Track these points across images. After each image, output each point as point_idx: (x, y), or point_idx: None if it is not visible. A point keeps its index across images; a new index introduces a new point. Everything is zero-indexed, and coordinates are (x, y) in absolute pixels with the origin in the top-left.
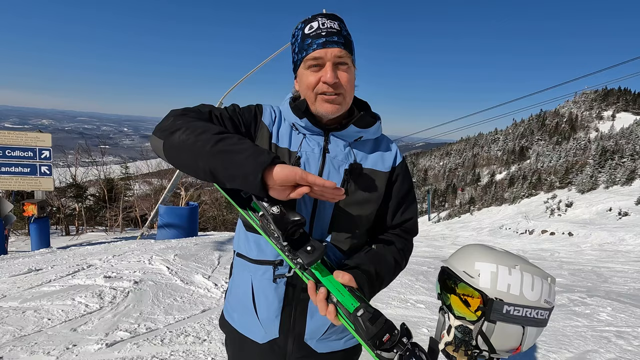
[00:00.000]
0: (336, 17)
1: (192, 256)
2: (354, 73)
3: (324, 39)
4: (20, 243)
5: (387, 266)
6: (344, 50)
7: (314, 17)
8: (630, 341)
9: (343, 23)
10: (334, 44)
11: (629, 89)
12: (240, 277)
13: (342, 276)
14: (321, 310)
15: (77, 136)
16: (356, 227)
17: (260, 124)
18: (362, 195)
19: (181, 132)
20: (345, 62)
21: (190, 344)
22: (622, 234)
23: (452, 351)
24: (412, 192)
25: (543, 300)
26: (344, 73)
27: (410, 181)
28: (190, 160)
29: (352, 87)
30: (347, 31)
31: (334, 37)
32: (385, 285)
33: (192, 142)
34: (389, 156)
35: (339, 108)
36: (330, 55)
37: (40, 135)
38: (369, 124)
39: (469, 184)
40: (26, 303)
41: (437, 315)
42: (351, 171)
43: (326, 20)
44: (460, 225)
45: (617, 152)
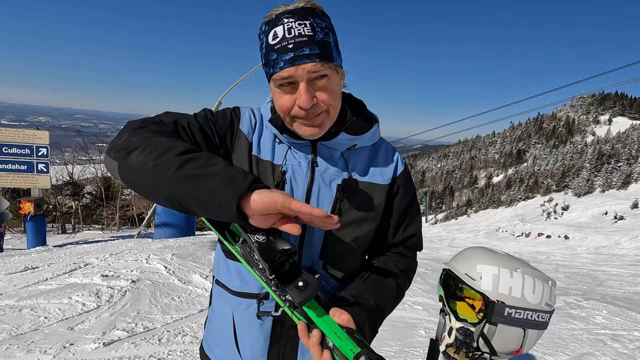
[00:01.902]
0: (307, 12)
1: (189, 255)
2: (337, 82)
3: (292, 54)
4: (16, 241)
5: (388, 295)
6: (320, 63)
7: (278, 17)
8: (625, 344)
9: (317, 16)
10: (305, 59)
11: (625, 94)
12: (220, 309)
13: (340, 315)
14: (315, 357)
15: (74, 134)
16: (352, 251)
17: (238, 133)
18: (358, 214)
19: (138, 153)
20: (323, 75)
21: (188, 343)
22: (618, 237)
23: (453, 353)
24: (414, 204)
25: (544, 303)
26: (323, 90)
27: (412, 192)
28: (151, 186)
29: (337, 99)
30: (324, 28)
31: (305, 48)
32: (387, 315)
33: (151, 166)
34: (389, 165)
35: (320, 130)
36: (302, 72)
37: (37, 132)
38: (363, 129)
39: (466, 186)
40: (22, 301)
41: (435, 317)
42: (344, 187)
43: (293, 22)
44: (457, 228)
45: (613, 156)
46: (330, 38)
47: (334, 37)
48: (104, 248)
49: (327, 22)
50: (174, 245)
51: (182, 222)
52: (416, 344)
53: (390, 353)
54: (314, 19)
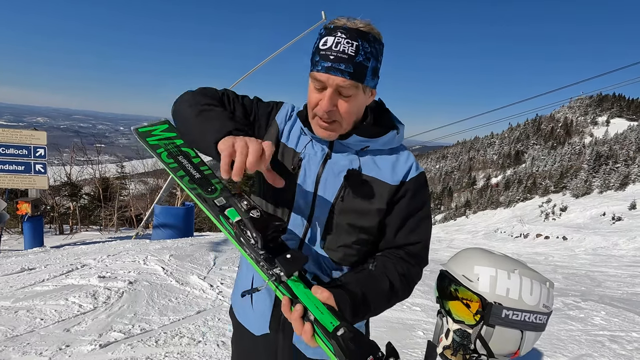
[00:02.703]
0: (359, 35)
1: (187, 257)
2: (360, 99)
3: (329, 64)
4: (13, 242)
5: (378, 291)
6: (349, 81)
7: (335, 28)
8: (623, 345)
9: (367, 41)
10: (339, 72)
11: (623, 95)
12: (244, 271)
13: (321, 292)
14: (296, 330)
15: (72, 134)
16: (351, 237)
17: (272, 121)
18: (361, 204)
19: (186, 100)
20: (348, 94)
21: (185, 345)
22: (616, 238)
23: (450, 355)
24: (423, 213)
25: (542, 304)
26: (344, 103)
27: (423, 201)
28: (181, 122)
29: (354, 113)
30: (368, 53)
31: (342, 64)
32: (375, 312)
33: (186, 107)
34: (401, 169)
35: (331, 135)
36: (332, 82)
37: (35, 133)
38: (376, 134)
39: (464, 187)
40: (18, 303)
41: (433, 318)
42: (348, 177)
43: (344, 39)
44: (455, 229)
45: (611, 158)
46: (370, 63)
47: (374, 62)
48: (102, 249)
49: (374, 48)
50: (172, 246)
51: (180, 223)
52: (414, 345)
53: None
54: (362, 43)
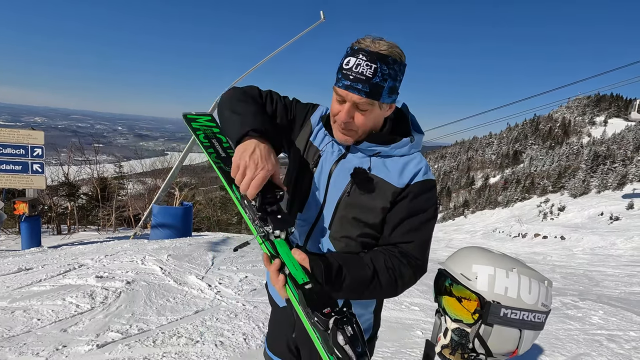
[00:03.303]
0: (378, 58)
1: (185, 256)
2: (376, 114)
3: (349, 82)
4: (10, 242)
5: (358, 272)
6: (365, 99)
7: (359, 50)
8: (621, 344)
9: (386, 63)
10: (356, 91)
11: (620, 95)
12: None
13: (299, 254)
14: (272, 279)
15: (70, 134)
16: (355, 230)
17: (307, 122)
18: (366, 200)
19: (227, 96)
20: (364, 109)
21: (183, 345)
22: (613, 238)
23: (448, 354)
24: (423, 216)
25: (540, 303)
26: (360, 116)
27: (425, 204)
28: (220, 112)
29: (370, 124)
30: (385, 75)
31: (359, 84)
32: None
33: (226, 100)
34: (408, 173)
35: (348, 140)
36: (350, 98)
37: (32, 132)
38: (388, 141)
39: (463, 187)
40: (15, 303)
41: (432, 318)
42: (355, 175)
43: (364, 60)
44: (454, 228)
45: (608, 157)
46: (387, 83)
47: (392, 82)
48: (99, 249)
49: (393, 69)
50: (170, 246)
51: (179, 222)
52: (413, 344)
53: (387, 354)
54: (380, 65)
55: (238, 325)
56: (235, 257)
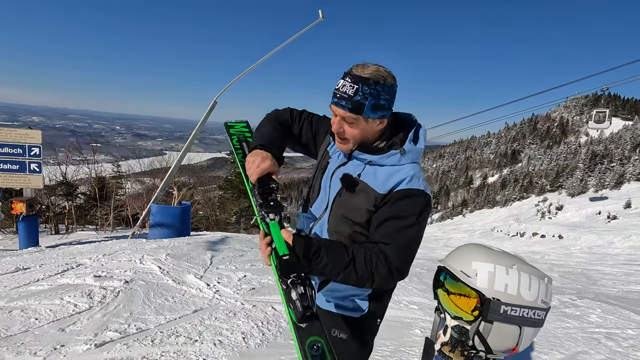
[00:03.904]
0: (360, 80)
1: (184, 256)
2: (362, 127)
3: (336, 100)
4: (7, 242)
5: (335, 256)
6: (349, 113)
7: (346, 74)
8: (619, 342)
9: (367, 84)
10: (340, 107)
11: (618, 95)
12: None
13: (286, 233)
14: (261, 250)
15: (68, 134)
16: (345, 226)
17: (327, 136)
18: (352, 202)
19: (266, 117)
20: (350, 121)
21: (182, 344)
22: (611, 237)
23: (448, 351)
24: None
25: (540, 300)
26: (349, 127)
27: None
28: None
29: (357, 136)
30: (366, 94)
31: (343, 101)
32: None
33: (261, 121)
34: (392, 181)
35: (343, 148)
36: (337, 112)
37: (30, 132)
38: (376, 151)
39: (461, 186)
40: (13, 302)
41: (431, 316)
42: (343, 179)
43: (348, 82)
44: (452, 228)
45: (606, 157)
46: (368, 101)
47: (374, 100)
48: (97, 248)
49: (375, 89)
50: (169, 245)
51: (177, 222)
52: (412, 343)
53: (385, 352)
54: (362, 86)
55: (237, 324)
56: (233, 256)
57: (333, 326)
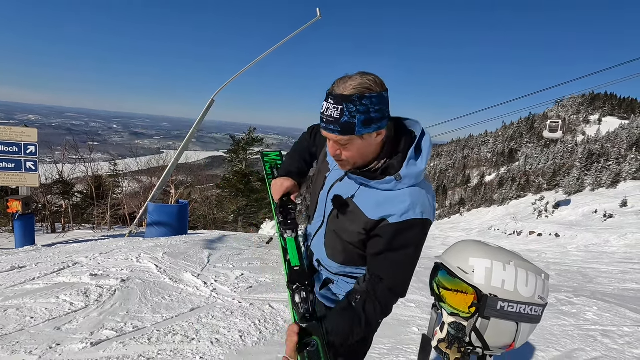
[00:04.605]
0: (343, 99)
1: (181, 254)
2: (358, 145)
3: (324, 125)
4: (4, 240)
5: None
6: (340, 136)
7: (328, 95)
8: (615, 340)
9: (351, 102)
10: (330, 131)
11: (615, 94)
12: None
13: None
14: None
15: (64, 132)
16: (336, 242)
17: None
18: (342, 222)
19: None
20: (344, 143)
21: (179, 343)
22: (607, 235)
23: (445, 348)
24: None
25: (537, 296)
26: (344, 150)
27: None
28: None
29: (355, 156)
30: (353, 112)
31: (331, 125)
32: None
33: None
34: (386, 209)
35: (347, 168)
36: (329, 137)
37: (25, 130)
38: (372, 178)
39: (459, 185)
40: (8, 301)
41: (428, 314)
42: (334, 200)
43: (332, 104)
44: (450, 226)
45: (603, 156)
46: (356, 119)
47: (363, 116)
48: (94, 247)
49: (361, 104)
50: (166, 244)
51: (174, 221)
52: (409, 341)
53: (383, 350)
54: (346, 105)
55: (234, 323)
56: (231, 255)
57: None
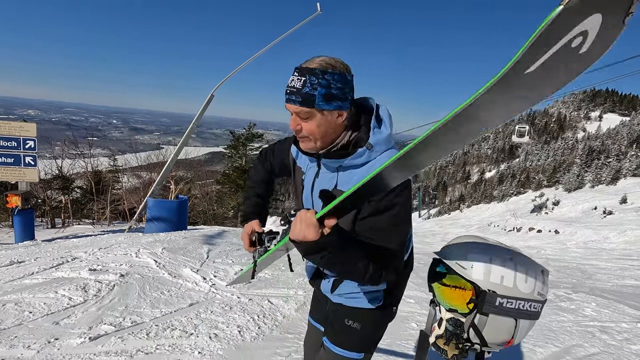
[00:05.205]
0: (307, 72)
1: (180, 249)
2: (319, 121)
3: (287, 96)
4: (3, 235)
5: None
6: (301, 107)
7: (295, 69)
8: (613, 336)
9: (314, 75)
10: (292, 102)
11: (616, 91)
12: None
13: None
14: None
15: (64, 127)
16: None
17: (289, 154)
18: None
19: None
20: (305, 117)
21: (177, 337)
22: (606, 232)
23: (443, 344)
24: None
25: (536, 292)
26: (305, 123)
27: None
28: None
29: (316, 132)
30: (315, 84)
31: (292, 95)
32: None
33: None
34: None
35: (312, 147)
36: (290, 109)
37: (24, 124)
38: (344, 155)
39: (459, 181)
40: (6, 296)
41: (427, 310)
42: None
43: (295, 76)
44: (449, 222)
45: (603, 152)
46: (317, 92)
47: (324, 90)
48: (93, 242)
49: (323, 79)
50: (165, 239)
51: (174, 216)
52: (408, 336)
53: (382, 345)
54: (309, 77)
55: (233, 318)
56: (230, 250)
57: (346, 316)
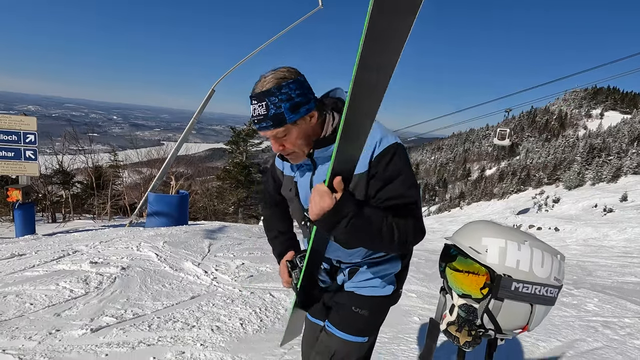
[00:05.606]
0: (264, 95)
1: (181, 243)
2: (296, 132)
3: (257, 126)
4: (4, 229)
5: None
6: (276, 129)
7: (251, 97)
8: (616, 330)
9: (272, 95)
10: (264, 128)
11: (617, 88)
12: None
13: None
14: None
15: (64, 123)
16: None
17: (277, 170)
18: None
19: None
20: (281, 136)
21: (179, 330)
22: (607, 229)
23: (455, 331)
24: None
25: (553, 277)
26: (285, 141)
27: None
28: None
29: (298, 143)
30: (277, 102)
31: (262, 123)
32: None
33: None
34: (367, 153)
35: (302, 157)
36: (266, 134)
37: (24, 118)
38: (330, 142)
39: (459, 178)
40: (7, 288)
41: (429, 305)
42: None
43: (255, 104)
44: (449, 220)
45: (604, 150)
46: (283, 107)
47: (288, 103)
48: (94, 236)
49: (280, 94)
50: (166, 233)
51: (175, 211)
52: (410, 330)
53: (384, 339)
54: (268, 99)
55: (235, 311)
56: (232, 244)
57: (354, 304)
